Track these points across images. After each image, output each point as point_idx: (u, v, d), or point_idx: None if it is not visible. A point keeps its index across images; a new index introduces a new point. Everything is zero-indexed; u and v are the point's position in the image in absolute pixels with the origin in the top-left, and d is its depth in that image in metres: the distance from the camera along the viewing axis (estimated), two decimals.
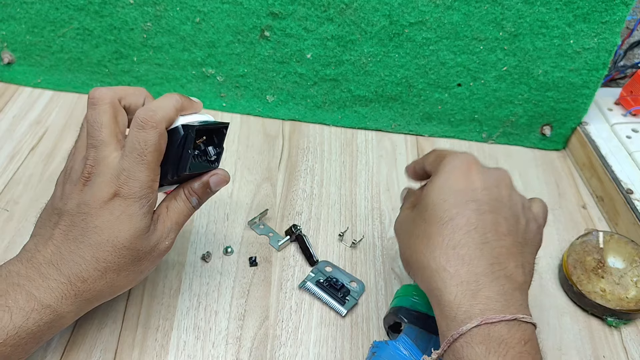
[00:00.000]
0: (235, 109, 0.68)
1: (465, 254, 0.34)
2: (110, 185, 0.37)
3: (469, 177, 0.36)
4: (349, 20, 0.59)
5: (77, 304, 0.37)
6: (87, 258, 0.37)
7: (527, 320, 0.33)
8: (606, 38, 0.58)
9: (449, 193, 0.36)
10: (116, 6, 0.60)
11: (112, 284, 0.38)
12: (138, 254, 0.38)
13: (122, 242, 0.37)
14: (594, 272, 0.51)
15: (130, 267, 0.38)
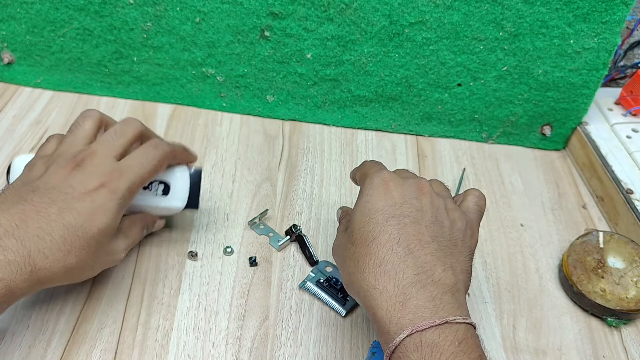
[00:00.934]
0: (235, 109, 0.68)
1: (391, 269, 0.35)
2: (101, 177, 0.40)
3: (387, 194, 0.38)
4: (349, 20, 0.59)
5: (30, 281, 0.37)
6: (55, 237, 0.37)
7: (458, 321, 0.34)
8: (606, 38, 0.58)
9: (370, 213, 0.38)
10: (116, 6, 0.60)
11: (67, 270, 0.38)
12: (98, 251, 0.40)
13: (93, 231, 0.39)
14: (594, 272, 0.51)
15: (89, 260, 0.40)
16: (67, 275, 0.39)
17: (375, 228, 0.37)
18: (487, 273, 0.53)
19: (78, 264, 0.39)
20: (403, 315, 0.34)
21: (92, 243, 0.39)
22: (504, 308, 0.50)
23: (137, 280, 0.49)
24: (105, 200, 0.39)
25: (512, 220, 0.59)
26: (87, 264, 0.40)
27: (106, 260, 0.42)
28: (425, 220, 0.38)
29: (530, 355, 0.47)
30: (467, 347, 0.33)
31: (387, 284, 0.35)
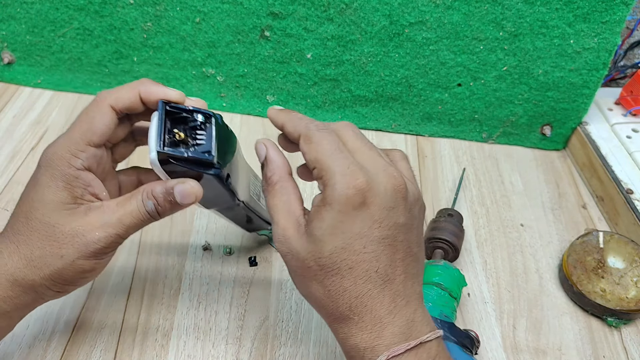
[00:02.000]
0: (235, 109, 0.68)
1: (368, 302, 0.32)
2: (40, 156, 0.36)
3: (365, 211, 0.31)
4: (349, 20, 0.59)
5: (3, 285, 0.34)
6: (7, 229, 0.36)
7: (430, 338, 0.33)
8: (606, 38, 0.58)
9: (345, 238, 0.31)
10: (116, 6, 0.60)
11: (28, 262, 0.35)
12: (54, 232, 0.34)
13: (32, 212, 0.34)
14: (594, 272, 0.51)
15: (46, 246, 0.34)
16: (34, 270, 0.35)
17: (351, 257, 0.32)
18: (487, 273, 0.53)
19: (35, 253, 0.34)
20: (379, 344, 0.32)
21: (36, 225, 0.34)
22: (504, 308, 0.50)
23: (137, 280, 0.49)
24: (37, 175, 0.35)
25: (512, 220, 0.59)
26: (48, 252, 0.35)
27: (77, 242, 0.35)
28: (401, 235, 0.33)
29: (530, 355, 0.47)
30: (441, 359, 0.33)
31: (363, 316, 0.32)
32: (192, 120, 0.35)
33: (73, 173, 0.35)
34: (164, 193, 0.35)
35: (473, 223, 0.58)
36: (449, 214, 0.54)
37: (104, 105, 0.35)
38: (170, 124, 0.35)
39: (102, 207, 0.35)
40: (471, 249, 0.56)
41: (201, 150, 0.35)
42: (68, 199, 0.35)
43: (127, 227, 0.36)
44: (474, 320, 0.49)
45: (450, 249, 0.52)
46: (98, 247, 0.35)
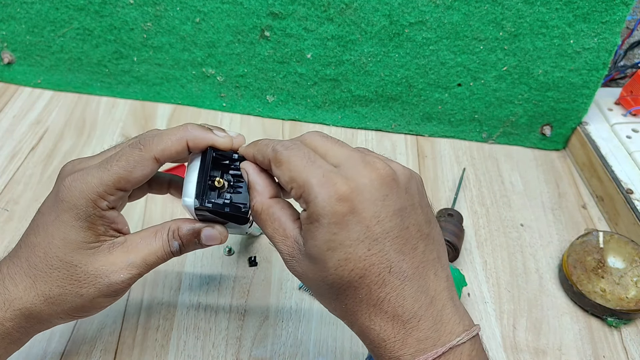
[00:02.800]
0: (235, 109, 0.68)
1: (388, 307, 0.29)
2: (61, 182, 0.34)
3: (356, 216, 0.29)
4: (349, 20, 0.59)
5: (11, 312, 0.34)
6: (21, 259, 0.34)
7: (463, 340, 0.30)
8: (606, 38, 0.58)
9: (345, 248, 0.29)
10: (116, 6, 0.60)
11: (46, 299, 0.34)
12: (75, 271, 0.34)
13: (54, 250, 0.33)
14: (594, 272, 0.51)
15: (67, 285, 0.34)
16: (52, 307, 0.34)
17: (358, 265, 0.29)
18: (487, 273, 0.53)
19: (53, 291, 0.34)
20: (404, 352, 0.29)
21: (56, 264, 0.34)
22: (504, 308, 0.50)
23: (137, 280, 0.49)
24: (59, 212, 0.33)
25: (512, 220, 0.59)
26: (69, 292, 0.34)
27: (100, 283, 0.34)
28: (405, 220, 0.30)
29: (530, 355, 0.47)
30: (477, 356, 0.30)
31: (384, 325, 0.30)
32: (234, 169, 0.35)
33: (98, 213, 0.34)
34: (191, 235, 0.35)
35: (473, 223, 0.58)
36: (449, 214, 0.54)
37: (149, 157, 0.34)
38: (212, 168, 0.34)
39: (125, 243, 0.35)
40: (471, 249, 0.56)
41: (237, 202, 0.34)
42: (92, 238, 0.34)
43: (150, 265, 0.36)
44: (474, 320, 0.49)
45: (451, 248, 0.52)
46: (121, 287, 0.35)
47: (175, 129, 0.34)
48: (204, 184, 0.33)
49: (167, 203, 0.56)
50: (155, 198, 0.56)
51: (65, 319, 0.36)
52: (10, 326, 0.34)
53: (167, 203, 0.56)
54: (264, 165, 0.33)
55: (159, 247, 0.35)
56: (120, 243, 0.35)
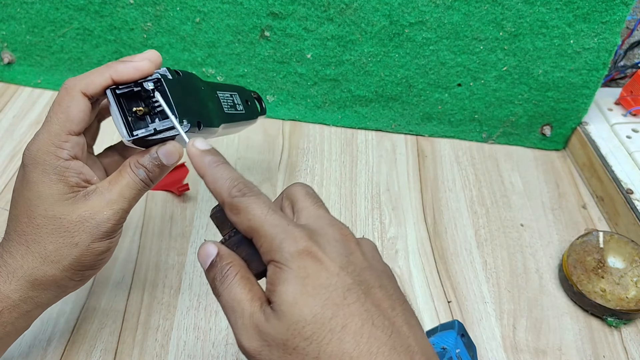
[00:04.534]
0: None
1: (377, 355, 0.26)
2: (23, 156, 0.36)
3: (321, 265, 0.28)
4: (349, 20, 0.59)
5: (15, 282, 0.35)
6: (10, 233, 0.36)
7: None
8: (606, 38, 0.58)
9: (320, 292, 0.27)
10: (116, 6, 0.60)
11: (44, 259, 0.35)
12: (61, 223, 0.35)
13: (33, 210, 0.35)
14: (594, 272, 0.51)
15: (58, 238, 0.35)
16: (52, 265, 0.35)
17: (338, 312, 0.26)
18: (487, 273, 0.53)
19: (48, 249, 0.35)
20: None
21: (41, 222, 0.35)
22: (504, 308, 0.50)
23: (137, 280, 0.49)
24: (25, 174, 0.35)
25: (512, 220, 0.59)
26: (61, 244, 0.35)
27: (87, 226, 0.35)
28: (374, 280, 0.29)
29: (530, 355, 0.47)
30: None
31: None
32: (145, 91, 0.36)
33: (62, 164, 0.35)
34: (150, 160, 0.37)
35: (473, 223, 0.58)
36: None
37: (75, 93, 0.36)
38: (127, 102, 0.36)
39: (97, 189, 0.36)
40: (471, 249, 0.56)
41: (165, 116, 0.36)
42: (65, 189, 0.35)
43: (129, 199, 0.36)
44: (474, 320, 0.49)
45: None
46: (109, 226, 0.36)
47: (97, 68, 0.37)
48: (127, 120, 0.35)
49: (167, 203, 0.56)
50: (156, 198, 0.56)
51: (73, 278, 0.37)
52: (17, 297, 0.35)
53: (167, 203, 0.56)
54: (213, 194, 0.31)
55: (129, 180, 0.36)
56: (93, 190, 0.36)
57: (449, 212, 0.59)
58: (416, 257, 0.54)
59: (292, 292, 0.27)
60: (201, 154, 0.32)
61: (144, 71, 0.36)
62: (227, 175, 0.31)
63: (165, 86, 0.36)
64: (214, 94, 0.44)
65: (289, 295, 0.27)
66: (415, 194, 0.61)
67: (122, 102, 0.36)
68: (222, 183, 0.31)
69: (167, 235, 0.53)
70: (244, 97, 0.48)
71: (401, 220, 0.57)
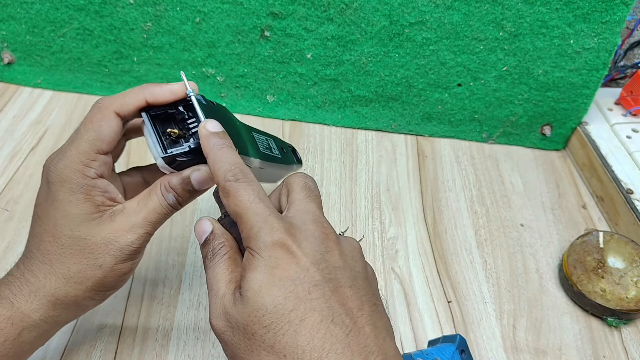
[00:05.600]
0: (236, 109, 0.68)
1: (330, 353, 0.27)
2: (47, 171, 0.35)
3: (292, 258, 0.29)
4: (349, 20, 0.59)
5: (37, 302, 0.35)
6: (33, 251, 0.35)
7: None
8: (606, 38, 0.58)
9: (286, 284, 0.28)
10: (116, 6, 0.60)
11: (67, 280, 0.35)
12: (86, 244, 0.35)
13: (59, 229, 0.34)
14: (594, 272, 0.51)
15: (82, 259, 0.35)
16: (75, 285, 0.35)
17: (299, 306, 0.27)
18: (487, 273, 0.53)
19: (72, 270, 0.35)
20: None
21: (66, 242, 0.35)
22: (504, 308, 0.50)
23: (137, 280, 0.49)
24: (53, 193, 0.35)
25: (512, 220, 0.59)
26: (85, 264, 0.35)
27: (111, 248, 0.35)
28: (346, 280, 0.30)
29: (530, 355, 0.47)
30: None
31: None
32: (179, 113, 0.36)
33: (89, 183, 0.35)
34: (182, 183, 0.36)
35: (473, 223, 0.58)
36: None
37: (109, 112, 0.35)
38: (162, 125, 0.36)
39: (124, 210, 0.36)
40: (471, 249, 0.56)
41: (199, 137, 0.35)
42: (91, 209, 0.35)
43: (154, 223, 0.36)
44: (474, 320, 0.49)
45: None
46: (132, 249, 0.36)
47: (132, 89, 0.36)
48: (162, 140, 0.35)
49: None
50: None
51: (94, 298, 0.37)
52: (38, 317, 0.35)
53: None
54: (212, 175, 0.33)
55: (157, 204, 0.36)
56: (119, 210, 0.36)
57: (449, 212, 0.59)
58: (416, 257, 0.54)
59: (259, 280, 0.28)
60: (210, 135, 0.33)
61: (179, 94, 0.35)
62: (227, 159, 0.32)
63: (198, 109, 0.35)
64: (249, 132, 0.43)
65: (256, 282, 0.28)
66: (415, 194, 0.61)
67: (156, 124, 0.35)
68: (220, 165, 0.32)
69: (167, 235, 0.53)
70: (279, 144, 0.47)
71: (401, 220, 0.57)
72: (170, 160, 0.35)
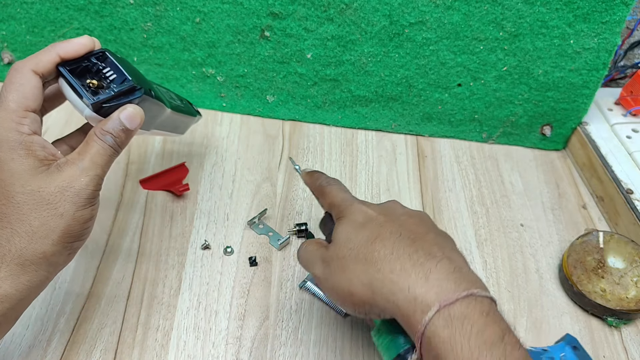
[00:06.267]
0: (236, 109, 0.68)
1: (403, 254, 0.35)
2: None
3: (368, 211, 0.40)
4: (349, 20, 0.59)
5: (5, 269, 0.34)
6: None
7: (481, 294, 0.33)
8: (606, 38, 0.58)
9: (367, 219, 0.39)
10: (116, 6, 0.60)
11: (31, 237, 0.35)
12: (41, 195, 0.35)
13: (10, 188, 0.34)
14: (594, 272, 0.51)
15: (42, 211, 0.35)
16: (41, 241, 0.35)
17: (375, 229, 0.37)
18: (487, 273, 0.53)
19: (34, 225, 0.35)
20: (428, 290, 0.33)
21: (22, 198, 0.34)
22: (504, 308, 0.50)
23: (137, 280, 0.49)
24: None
25: (512, 220, 0.59)
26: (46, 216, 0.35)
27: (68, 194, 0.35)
28: (410, 223, 0.39)
29: None
30: (496, 318, 0.32)
31: (404, 264, 0.34)
32: (93, 65, 0.38)
33: (27, 139, 0.35)
34: (114, 125, 0.38)
35: (473, 223, 0.58)
36: None
37: (26, 71, 0.36)
38: (78, 78, 0.37)
39: (68, 160, 0.37)
40: (471, 249, 0.56)
41: (119, 82, 0.38)
42: (36, 163, 0.35)
43: (102, 165, 0.37)
44: None
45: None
46: (89, 192, 0.36)
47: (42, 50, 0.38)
48: (83, 92, 0.37)
49: (167, 203, 0.56)
50: (156, 198, 0.56)
51: (63, 252, 0.36)
52: (9, 285, 0.35)
53: (167, 203, 0.56)
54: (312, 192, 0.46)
55: (98, 147, 0.37)
56: (64, 162, 0.37)
57: (449, 212, 0.59)
58: None
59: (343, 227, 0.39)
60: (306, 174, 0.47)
61: (88, 46, 0.38)
62: (319, 177, 0.46)
63: (111, 56, 0.38)
64: (153, 84, 0.45)
65: (342, 228, 0.39)
66: (415, 194, 0.61)
67: (73, 78, 0.37)
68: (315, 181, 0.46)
69: (167, 235, 0.53)
70: (179, 98, 0.51)
71: None
72: (98, 108, 0.37)
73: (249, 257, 0.52)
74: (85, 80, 0.37)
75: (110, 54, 0.38)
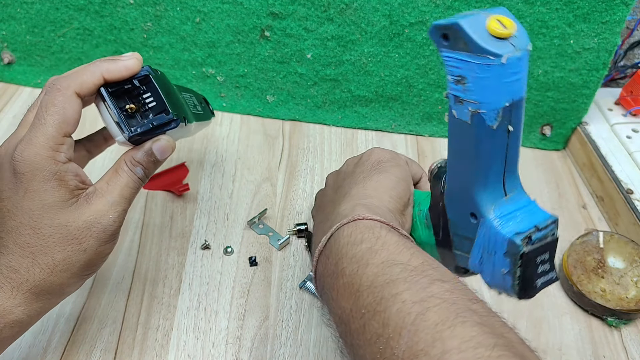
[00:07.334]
0: (236, 109, 0.68)
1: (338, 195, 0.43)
2: (11, 161, 0.34)
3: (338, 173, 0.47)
4: (349, 20, 0.59)
5: (20, 297, 0.34)
6: (9, 246, 0.34)
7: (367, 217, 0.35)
8: (606, 38, 0.58)
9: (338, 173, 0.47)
10: (116, 6, 0.60)
11: (52, 270, 0.34)
12: (69, 230, 0.34)
13: (38, 220, 0.34)
14: (594, 272, 0.51)
15: (67, 246, 0.34)
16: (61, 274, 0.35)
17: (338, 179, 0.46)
18: None
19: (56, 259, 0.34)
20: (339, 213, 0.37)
21: (48, 231, 0.34)
22: (504, 308, 0.50)
23: (137, 280, 0.49)
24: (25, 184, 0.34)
25: None
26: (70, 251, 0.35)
27: (94, 231, 0.35)
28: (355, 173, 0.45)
29: None
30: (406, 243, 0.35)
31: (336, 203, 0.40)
32: (135, 88, 0.37)
33: (62, 168, 0.34)
34: (146, 156, 0.37)
35: None
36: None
37: (70, 93, 0.35)
38: (117, 100, 0.36)
39: (97, 191, 0.36)
40: None
41: (157, 112, 0.37)
42: (67, 195, 0.34)
43: (129, 199, 0.37)
44: None
45: None
46: (114, 228, 0.36)
47: (84, 65, 0.36)
48: (121, 117, 0.36)
49: (167, 203, 0.56)
50: (156, 198, 0.56)
51: (77, 282, 0.37)
52: (21, 312, 0.35)
53: (167, 203, 0.56)
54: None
55: (128, 179, 0.37)
56: (92, 192, 0.36)
57: None
58: None
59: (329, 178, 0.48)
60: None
61: (134, 69, 0.36)
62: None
63: (154, 82, 0.37)
64: (182, 94, 0.45)
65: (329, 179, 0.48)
66: None
67: (112, 101, 0.36)
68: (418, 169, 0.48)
69: (167, 235, 0.53)
70: (198, 99, 0.50)
71: None
72: (133, 139, 0.36)
73: (249, 257, 0.52)
74: (124, 103, 0.37)
75: (153, 78, 0.37)
